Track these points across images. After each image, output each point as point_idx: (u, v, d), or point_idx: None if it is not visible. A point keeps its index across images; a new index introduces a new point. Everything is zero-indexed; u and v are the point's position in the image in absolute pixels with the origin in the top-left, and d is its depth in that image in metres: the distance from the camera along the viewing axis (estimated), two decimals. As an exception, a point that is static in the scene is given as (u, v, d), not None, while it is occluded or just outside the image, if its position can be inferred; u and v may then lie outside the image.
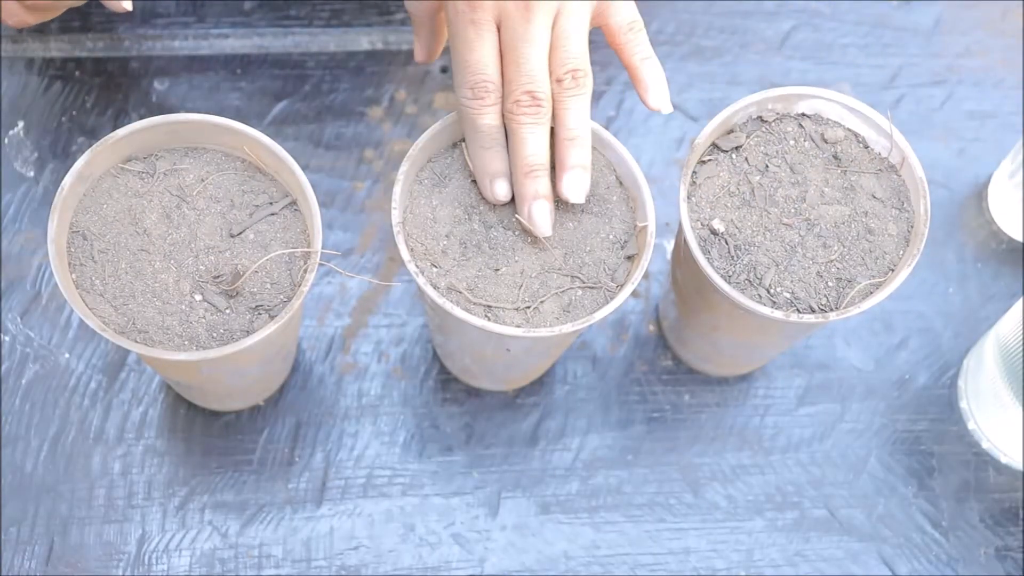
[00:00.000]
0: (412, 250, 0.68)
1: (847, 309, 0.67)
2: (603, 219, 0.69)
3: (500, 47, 0.67)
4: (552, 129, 0.68)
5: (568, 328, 0.66)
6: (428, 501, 0.79)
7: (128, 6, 0.74)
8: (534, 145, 0.67)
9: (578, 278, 0.68)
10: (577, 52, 0.67)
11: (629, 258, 0.69)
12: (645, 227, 0.68)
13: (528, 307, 0.67)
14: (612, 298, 0.67)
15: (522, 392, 0.82)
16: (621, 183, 0.70)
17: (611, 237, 0.69)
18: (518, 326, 0.66)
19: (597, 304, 0.67)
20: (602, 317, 0.66)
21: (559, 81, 0.67)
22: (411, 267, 0.66)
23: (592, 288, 0.68)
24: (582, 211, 0.69)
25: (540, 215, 0.67)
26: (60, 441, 0.78)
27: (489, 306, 0.67)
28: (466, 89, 0.67)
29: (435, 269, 0.67)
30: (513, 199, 0.68)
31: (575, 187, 0.67)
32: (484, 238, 0.68)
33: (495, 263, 0.68)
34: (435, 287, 0.67)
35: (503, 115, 0.67)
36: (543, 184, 0.67)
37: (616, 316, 0.84)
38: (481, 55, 0.67)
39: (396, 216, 0.68)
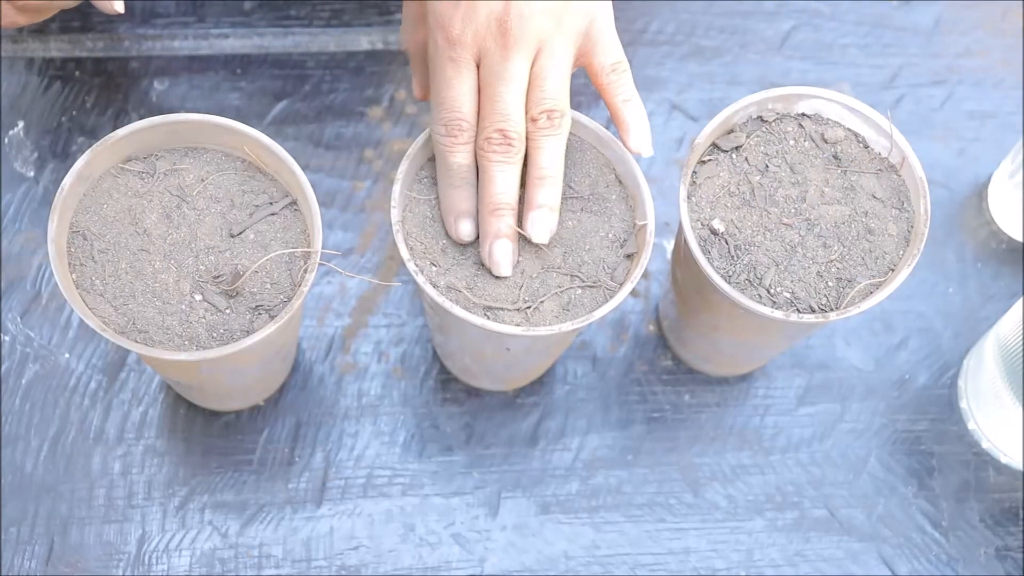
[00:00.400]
0: (411, 249, 0.68)
1: (847, 309, 0.67)
2: (602, 218, 0.69)
3: (479, 84, 0.67)
4: (524, 167, 0.67)
5: (568, 327, 0.66)
6: (428, 501, 0.79)
7: (120, 8, 0.72)
8: (502, 184, 0.66)
9: (577, 277, 0.68)
10: (555, 92, 0.66)
11: (628, 257, 0.69)
12: (644, 226, 0.68)
13: (528, 306, 0.67)
14: (612, 297, 0.67)
15: (522, 392, 0.82)
16: (620, 182, 0.70)
17: (610, 236, 0.69)
18: (518, 325, 0.66)
19: (597, 303, 0.67)
20: (601, 316, 0.66)
21: (534, 120, 0.66)
22: (410, 266, 0.67)
23: (592, 287, 0.68)
24: (581, 210, 0.69)
25: (501, 254, 0.67)
26: (60, 441, 0.78)
27: (489, 305, 0.67)
28: (440, 126, 0.67)
29: (434, 268, 0.67)
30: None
31: (540, 227, 0.67)
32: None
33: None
34: (435, 286, 0.67)
35: (475, 153, 0.67)
36: (506, 223, 0.66)
37: (616, 316, 0.84)
38: (457, 92, 0.66)
39: (395, 215, 0.68)
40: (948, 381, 0.83)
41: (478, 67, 0.67)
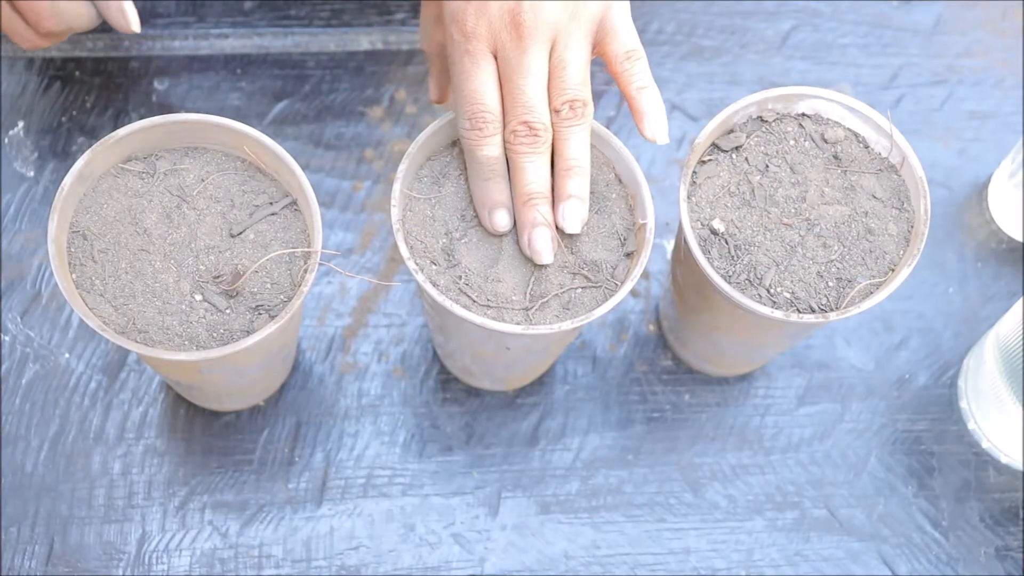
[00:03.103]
0: (412, 248, 0.68)
1: (847, 309, 0.67)
2: (602, 216, 0.69)
3: (500, 75, 0.67)
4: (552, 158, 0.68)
5: (568, 325, 0.66)
6: (428, 501, 0.79)
7: (136, 28, 0.76)
8: (533, 174, 0.66)
9: (579, 276, 0.68)
10: (575, 82, 0.67)
11: (628, 255, 0.69)
12: (644, 224, 0.68)
13: (528, 306, 0.67)
14: (611, 296, 0.67)
15: (522, 392, 0.82)
16: (620, 181, 0.70)
17: (610, 235, 0.69)
18: (518, 324, 0.66)
19: (596, 302, 0.67)
20: (601, 315, 0.67)
21: (557, 111, 0.67)
22: (410, 265, 0.67)
23: (592, 286, 0.68)
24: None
25: (541, 243, 0.67)
26: (60, 441, 0.78)
27: (489, 304, 0.67)
28: (464, 120, 0.67)
29: (435, 267, 0.67)
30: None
31: (572, 217, 0.67)
32: (484, 235, 0.68)
33: (495, 261, 0.68)
34: (435, 285, 0.67)
35: (503, 145, 0.67)
36: (543, 212, 0.67)
37: (616, 316, 0.84)
38: (478, 85, 0.66)
39: (396, 215, 0.68)
40: (948, 381, 0.83)
41: (497, 59, 0.67)
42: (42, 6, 0.75)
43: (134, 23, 0.76)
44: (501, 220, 0.67)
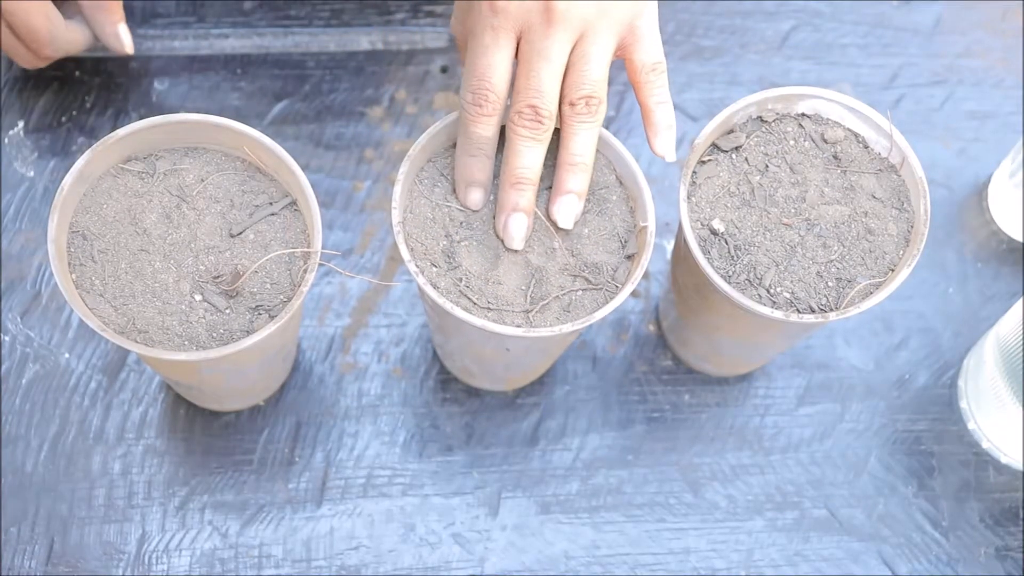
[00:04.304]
0: (412, 250, 0.68)
1: (847, 309, 0.67)
2: (603, 218, 0.69)
3: (518, 58, 0.67)
4: (557, 151, 0.68)
5: (568, 328, 0.66)
6: (428, 501, 0.79)
7: (130, 51, 0.81)
8: (528, 159, 0.66)
9: (580, 278, 0.68)
10: (595, 78, 0.66)
11: (629, 257, 0.69)
12: (645, 227, 0.68)
13: (529, 308, 0.67)
14: (612, 298, 0.67)
15: (522, 392, 0.82)
16: (621, 182, 0.70)
17: (611, 237, 0.69)
18: (518, 326, 0.66)
19: (597, 304, 0.67)
20: (602, 317, 0.66)
21: (572, 105, 0.66)
22: (411, 267, 0.67)
23: (593, 288, 0.68)
24: (582, 211, 0.69)
25: (516, 227, 0.67)
26: (60, 441, 0.78)
27: (489, 306, 0.67)
28: (468, 92, 0.67)
29: (435, 269, 0.67)
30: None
31: (567, 212, 0.67)
32: (484, 238, 0.68)
33: (495, 263, 0.68)
34: (435, 287, 0.67)
35: (504, 125, 0.67)
36: (526, 198, 0.67)
37: (616, 316, 0.84)
38: (491, 61, 0.66)
39: (396, 216, 0.68)
40: (948, 381, 0.83)
41: (518, 44, 0.67)
42: (40, 32, 0.77)
43: (128, 46, 0.80)
44: (475, 197, 0.68)
